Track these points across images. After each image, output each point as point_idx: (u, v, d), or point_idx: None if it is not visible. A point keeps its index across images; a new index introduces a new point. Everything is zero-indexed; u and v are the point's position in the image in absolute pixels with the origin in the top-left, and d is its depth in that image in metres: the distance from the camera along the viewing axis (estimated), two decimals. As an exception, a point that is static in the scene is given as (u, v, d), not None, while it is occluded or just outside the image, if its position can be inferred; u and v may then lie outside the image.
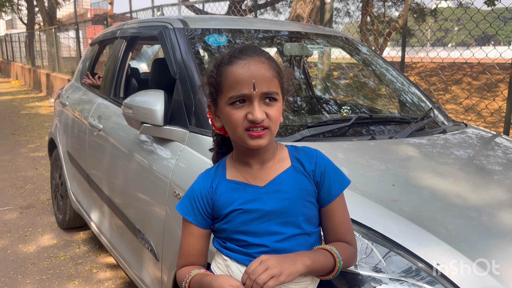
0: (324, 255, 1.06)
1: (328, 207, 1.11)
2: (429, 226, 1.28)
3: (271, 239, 1.07)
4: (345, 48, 2.73)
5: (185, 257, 1.15)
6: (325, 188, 1.10)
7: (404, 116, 2.28)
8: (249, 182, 1.09)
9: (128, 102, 1.99)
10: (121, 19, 9.54)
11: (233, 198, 1.09)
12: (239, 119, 1.01)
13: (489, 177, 1.64)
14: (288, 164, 1.11)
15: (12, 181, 4.77)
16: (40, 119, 8.79)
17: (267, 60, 1.04)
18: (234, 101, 1.01)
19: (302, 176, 1.10)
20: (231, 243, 1.10)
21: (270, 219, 1.07)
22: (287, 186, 1.08)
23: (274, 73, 1.04)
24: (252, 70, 1.01)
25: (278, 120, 1.05)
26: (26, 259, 3.04)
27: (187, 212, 1.13)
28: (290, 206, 1.07)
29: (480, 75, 7.06)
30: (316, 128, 1.81)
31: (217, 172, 1.14)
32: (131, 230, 2.20)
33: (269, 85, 1.02)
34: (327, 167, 1.11)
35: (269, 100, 1.02)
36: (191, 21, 2.29)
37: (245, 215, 1.07)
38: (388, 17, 13.33)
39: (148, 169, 2.01)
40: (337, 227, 1.12)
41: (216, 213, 1.11)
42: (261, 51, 1.06)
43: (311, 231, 1.11)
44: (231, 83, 1.01)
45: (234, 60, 1.03)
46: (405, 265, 1.19)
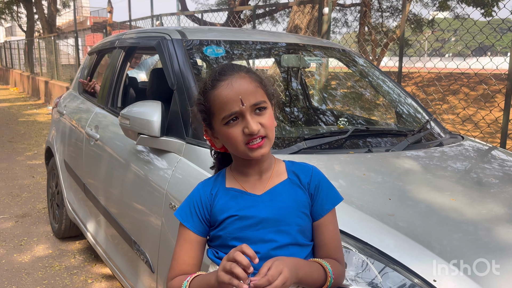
0: (318, 271, 1.08)
1: (320, 221, 1.13)
2: (424, 241, 1.27)
3: (265, 247, 1.08)
4: (342, 59, 2.74)
5: (179, 267, 1.14)
6: (319, 202, 1.13)
7: (401, 128, 2.29)
8: (247, 190, 1.12)
9: (125, 112, 1.99)
10: (120, 28, 9.57)
11: (230, 205, 1.11)
12: (237, 136, 1.05)
13: (486, 191, 1.64)
14: (284, 177, 1.15)
15: (8, 189, 4.74)
16: (38, 126, 8.78)
17: (247, 74, 1.09)
18: (228, 121, 1.06)
19: (298, 188, 1.13)
20: (224, 252, 1.11)
21: (265, 226, 1.08)
22: (283, 196, 1.11)
23: (257, 83, 1.08)
24: (236, 88, 1.05)
25: (273, 126, 1.10)
26: (21, 269, 3.02)
27: (185, 219, 1.14)
28: (285, 215, 1.09)
29: (477, 86, 7.10)
30: (313, 140, 1.81)
31: (217, 180, 1.17)
32: (126, 241, 2.18)
33: (255, 96, 1.06)
34: (321, 181, 1.15)
35: (259, 110, 1.06)
36: (189, 32, 2.30)
37: (241, 221, 1.09)
38: (385, 28, 13.42)
39: (145, 180, 2.00)
40: (327, 243, 1.13)
41: (213, 219, 1.13)
42: (239, 66, 1.11)
43: (304, 243, 1.12)
44: (220, 105, 1.06)
45: (216, 83, 1.07)
46: (401, 280, 1.18)
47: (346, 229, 1.28)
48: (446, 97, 7.42)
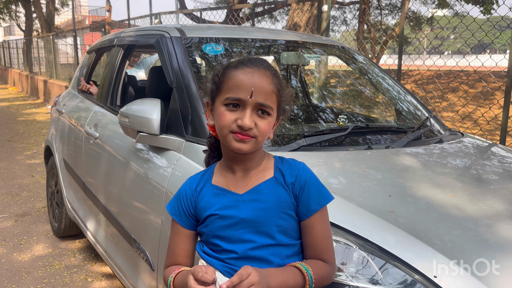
0: (294, 278, 1.05)
1: (306, 222, 1.11)
2: (425, 237, 1.27)
3: (243, 247, 1.08)
4: (341, 57, 2.74)
5: (172, 257, 1.19)
6: (304, 202, 1.10)
7: (401, 125, 2.28)
8: (230, 189, 1.12)
9: (125, 110, 1.99)
10: (119, 27, 9.55)
11: (212, 203, 1.12)
12: (228, 120, 1.05)
13: (486, 187, 1.64)
14: (270, 174, 1.13)
15: (8, 188, 4.74)
16: (37, 125, 8.77)
17: (272, 76, 1.08)
18: (229, 103, 1.05)
19: (282, 188, 1.11)
20: (207, 247, 1.13)
21: (244, 226, 1.09)
22: (265, 196, 1.10)
23: (274, 89, 1.07)
24: (254, 79, 1.04)
25: (267, 133, 1.08)
26: (21, 268, 3.01)
27: (174, 212, 1.18)
28: (264, 216, 1.08)
29: (476, 83, 7.10)
30: (313, 138, 1.81)
31: (204, 176, 1.18)
32: (126, 239, 2.18)
33: (266, 98, 1.05)
34: (308, 181, 1.11)
35: (262, 112, 1.06)
36: (188, 30, 2.29)
37: (221, 220, 1.10)
38: (384, 26, 13.41)
39: (144, 178, 2.00)
40: (315, 243, 1.12)
41: (198, 215, 1.14)
42: (269, 66, 1.10)
43: (287, 243, 1.10)
44: (231, 85, 1.06)
45: (241, 66, 1.07)
46: (401, 277, 1.18)
47: (347, 226, 1.28)
48: (445, 94, 7.42)
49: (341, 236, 1.25)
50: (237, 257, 1.08)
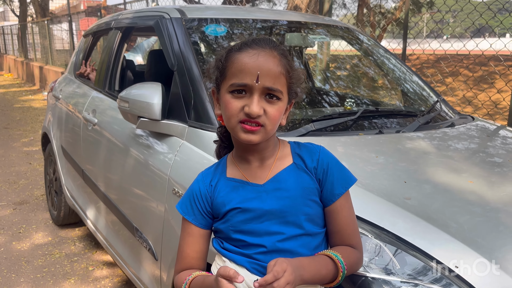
0: (326, 267, 1.00)
1: (332, 207, 1.05)
2: (443, 225, 1.22)
3: (271, 240, 1.01)
4: (345, 37, 2.65)
5: (184, 260, 1.10)
6: (328, 187, 1.04)
7: (410, 109, 2.21)
8: (248, 180, 1.04)
9: (124, 95, 1.91)
10: (115, 11, 9.38)
11: (231, 197, 1.04)
12: (235, 109, 0.96)
13: (505, 174, 1.57)
14: (289, 161, 1.06)
15: (5, 176, 4.67)
16: (34, 112, 8.66)
17: (279, 55, 0.98)
18: (234, 90, 0.97)
19: (304, 174, 1.04)
20: (229, 244, 1.06)
21: (270, 218, 1.01)
22: (287, 184, 1.03)
23: (283, 70, 0.98)
24: (260, 62, 0.95)
25: (277, 120, 0.99)
26: (20, 257, 2.96)
27: (187, 212, 1.09)
28: (290, 205, 1.02)
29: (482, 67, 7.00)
30: (321, 122, 1.74)
31: (217, 170, 1.10)
32: (128, 228, 2.13)
33: (274, 81, 0.96)
34: (330, 164, 1.05)
35: (271, 97, 0.96)
36: (188, 11, 2.20)
37: (243, 214, 1.02)
38: (384, 9, 13.23)
39: (145, 165, 1.93)
40: (342, 229, 1.06)
41: (215, 212, 1.06)
42: (276, 44, 1.00)
43: (315, 232, 1.05)
44: (235, 70, 0.97)
45: (245, 48, 0.98)
46: (418, 266, 1.13)
47: (361, 214, 1.22)
48: (445, 79, 7.33)
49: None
50: (266, 251, 1.01)
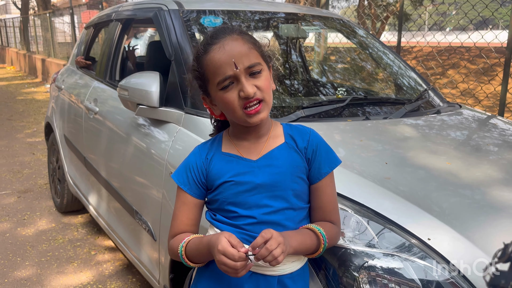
0: (310, 238, 1.09)
1: (317, 185, 1.13)
2: (422, 204, 1.30)
3: (260, 211, 1.09)
4: (341, 30, 2.72)
5: (178, 226, 1.17)
6: (316, 166, 1.12)
7: (399, 97, 2.29)
8: (242, 155, 1.12)
9: (124, 84, 1.99)
10: (117, 3, 9.42)
11: (225, 170, 1.11)
12: (233, 100, 1.04)
13: (483, 157, 1.66)
14: (281, 140, 1.14)
15: (9, 166, 4.77)
16: (36, 104, 8.75)
17: (239, 35, 1.06)
18: (223, 86, 1.04)
19: (294, 153, 1.12)
20: (221, 215, 1.13)
21: (260, 192, 1.09)
22: (279, 161, 1.10)
23: (250, 45, 1.06)
24: (228, 50, 1.03)
25: (270, 88, 1.08)
26: (25, 242, 3.07)
27: (182, 182, 1.16)
28: (280, 180, 1.09)
29: (476, 58, 7.05)
30: (311, 109, 1.82)
31: (213, 145, 1.17)
32: (128, 212, 2.22)
33: (249, 58, 1.03)
34: (319, 145, 1.13)
35: (254, 73, 1.04)
36: (186, 3, 2.27)
37: (236, 186, 1.10)
38: (385, 1, 13.21)
39: (144, 151, 2.02)
40: (324, 205, 1.14)
41: (210, 183, 1.14)
42: (231, 28, 1.08)
43: (300, 206, 1.13)
44: (213, 69, 1.04)
45: (209, 47, 1.05)
46: (398, 241, 1.21)
47: (344, 192, 1.30)
48: (446, 71, 7.38)
49: (338, 202, 1.28)
50: (255, 223, 1.09)
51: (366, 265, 1.16)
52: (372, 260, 1.16)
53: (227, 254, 0.96)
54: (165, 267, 1.85)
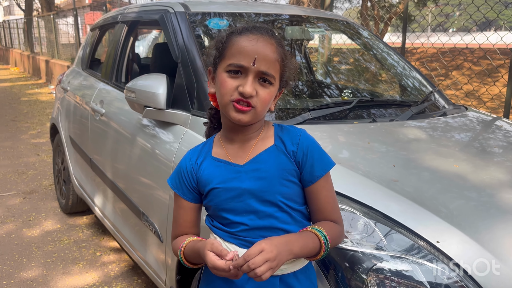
0: (312, 241, 1.07)
1: (311, 188, 1.11)
2: (429, 206, 1.30)
3: (250, 217, 1.09)
4: (346, 32, 2.73)
5: (178, 228, 1.19)
6: (307, 169, 1.09)
7: (405, 100, 2.30)
8: (230, 160, 1.11)
9: (131, 86, 2.00)
10: (120, 5, 9.46)
11: (214, 176, 1.11)
12: (230, 88, 1.03)
13: (489, 159, 1.66)
14: (271, 142, 1.11)
15: (14, 167, 4.79)
16: (41, 105, 8.79)
17: (276, 44, 1.06)
18: (232, 70, 1.03)
19: (283, 156, 1.09)
20: (217, 221, 1.14)
21: (248, 197, 1.08)
22: (266, 165, 1.09)
23: (278, 57, 1.05)
24: (258, 46, 1.02)
25: (267, 103, 1.06)
26: (31, 243, 3.08)
27: (176, 186, 1.17)
28: (266, 185, 1.08)
29: (481, 60, 7.04)
30: (318, 111, 1.82)
31: (204, 148, 1.17)
32: (135, 213, 2.23)
33: (269, 66, 1.03)
34: (310, 147, 1.10)
35: (264, 80, 1.04)
36: (192, 5, 2.29)
37: (224, 193, 1.09)
38: (388, 2, 13.20)
39: (151, 153, 2.03)
40: (322, 207, 1.12)
41: (201, 189, 1.14)
42: (273, 34, 1.07)
43: (293, 208, 1.11)
44: (234, 51, 1.03)
45: (245, 33, 1.05)
46: (406, 243, 1.21)
47: (352, 195, 1.31)
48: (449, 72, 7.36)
49: (346, 204, 1.28)
50: (247, 229, 1.09)
51: (375, 267, 1.16)
52: (380, 263, 1.17)
53: (218, 268, 0.98)
54: (171, 269, 1.86)
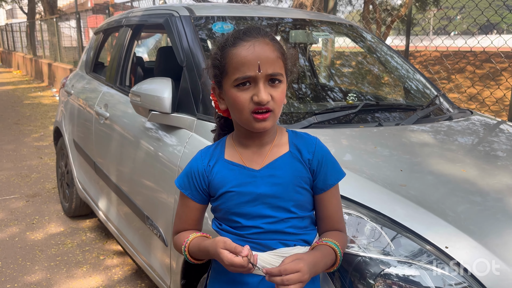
0: (330, 257, 1.08)
1: (322, 196, 1.12)
2: (437, 210, 1.30)
3: (263, 221, 1.09)
4: (349, 35, 2.73)
5: (181, 224, 1.19)
6: (321, 178, 1.10)
7: (410, 103, 2.29)
8: (245, 164, 1.10)
9: (136, 89, 2.00)
10: (123, 9, 9.48)
11: (228, 179, 1.10)
12: (245, 101, 1.02)
13: (496, 163, 1.65)
14: (286, 149, 1.11)
15: (17, 170, 4.80)
16: (43, 108, 8.80)
17: (271, 41, 1.05)
18: (239, 83, 1.02)
19: (298, 163, 1.10)
20: (226, 225, 1.13)
21: (262, 202, 1.08)
22: (281, 171, 1.09)
23: (279, 54, 1.04)
24: (257, 52, 1.01)
25: (282, 101, 1.06)
26: (34, 246, 3.08)
27: (184, 187, 1.16)
28: (282, 191, 1.08)
29: (484, 63, 7.03)
30: (323, 115, 1.82)
31: (216, 150, 1.15)
32: (139, 217, 2.22)
33: (274, 67, 1.02)
34: (325, 157, 1.11)
35: (274, 81, 1.03)
36: (197, 9, 2.29)
37: (238, 197, 1.09)
38: (390, 6, 13.22)
39: (156, 157, 2.03)
40: (331, 215, 1.14)
41: (212, 191, 1.13)
42: (265, 32, 1.06)
43: (303, 215, 1.12)
44: (236, 65, 1.01)
45: (239, 42, 1.02)
46: (413, 248, 1.21)
47: (359, 200, 1.30)
48: (452, 76, 7.36)
49: (353, 209, 1.28)
50: (260, 232, 1.09)
51: (383, 273, 1.16)
52: (388, 268, 1.16)
53: (236, 265, 0.98)
54: (176, 273, 1.85)
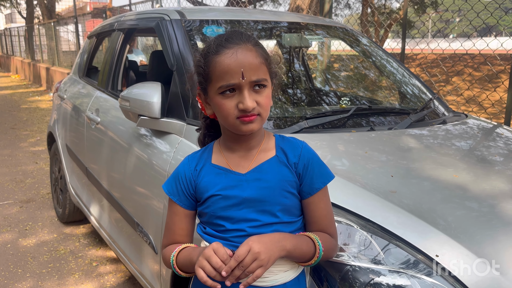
0: (307, 243, 1.07)
1: (309, 200, 1.11)
2: (428, 218, 1.27)
3: (248, 225, 1.08)
4: (344, 39, 2.70)
5: (171, 236, 1.17)
6: (307, 181, 1.09)
7: (404, 107, 2.26)
8: (232, 168, 1.10)
9: (125, 94, 1.97)
10: (120, 12, 9.48)
11: (214, 183, 1.10)
12: (230, 108, 1.02)
13: (490, 168, 1.62)
14: (272, 153, 1.11)
15: (12, 175, 4.76)
16: (40, 113, 8.78)
17: (254, 47, 1.04)
18: (224, 91, 1.02)
19: (285, 167, 1.09)
20: (210, 228, 1.12)
21: (248, 206, 1.07)
22: (267, 175, 1.08)
23: (262, 59, 1.04)
24: (240, 59, 1.00)
25: (269, 106, 1.06)
26: (26, 253, 3.04)
27: (172, 192, 1.15)
28: (268, 195, 1.07)
29: (481, 66, 7.02)
30: (315, 120, 1.79)
31: (203, 155, 1.15)
32: (130, 224, 2.19)
33: (258, 73, 1.02)
34: (311, 160, 1.10)
35: (259, 87, 1.02)
36: (188, 13, 2.26)
37: (224, 201, 1.08)
38: (388, 8, 13.23)
39: (146, 162, 2.00)
40: (319, 219, 1.12)
41: (198, 195, 1.13)
42: (248, 37, 1.05)
43: (290, 220, 1.11)
44: (220, 73, 1.01)
45: (221, 50, 1.02)
46: (404, 257, 1.18)
47: (349, 207, 1.27)
48: (450, 78, 7.34)
49: (343, 216, 1.25)
50: (244, 235, 1.07)
51: (372, 282, 1.12)
52: (378, 277, 1.13)
53: (212, 266, 0.97)
54: (166, 280, 1.82)
